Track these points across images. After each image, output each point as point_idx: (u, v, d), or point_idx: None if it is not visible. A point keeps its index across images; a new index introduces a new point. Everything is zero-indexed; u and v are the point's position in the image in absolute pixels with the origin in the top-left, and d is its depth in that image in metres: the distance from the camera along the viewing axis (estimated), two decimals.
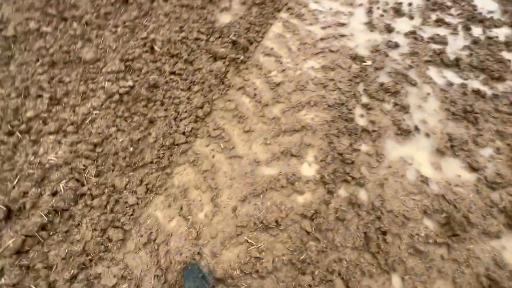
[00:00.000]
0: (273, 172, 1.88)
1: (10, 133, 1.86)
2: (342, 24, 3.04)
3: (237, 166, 1.89)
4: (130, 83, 2.17)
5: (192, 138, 1.99)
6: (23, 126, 1.87)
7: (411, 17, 3.21)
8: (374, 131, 2.12)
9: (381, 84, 2.45)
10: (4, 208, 1.53)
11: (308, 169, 1.92)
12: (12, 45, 2.35)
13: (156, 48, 2.43)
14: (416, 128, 2.18)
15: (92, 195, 1.64)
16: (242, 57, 2.49)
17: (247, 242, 1.59)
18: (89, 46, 2.47)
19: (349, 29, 3.01)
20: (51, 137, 1.86)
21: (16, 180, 1.63)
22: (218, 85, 2.30)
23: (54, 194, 1.61)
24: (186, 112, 2.09)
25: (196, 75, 2.34)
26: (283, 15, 3.09)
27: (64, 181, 1.64)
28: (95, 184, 1.67)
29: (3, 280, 1.34)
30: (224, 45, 2.58)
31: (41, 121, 1.92)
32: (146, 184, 1.72)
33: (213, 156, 1.93)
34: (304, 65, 2.59)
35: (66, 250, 1.43)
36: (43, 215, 1.49)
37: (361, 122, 2.20)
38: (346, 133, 2.10)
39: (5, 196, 1.58)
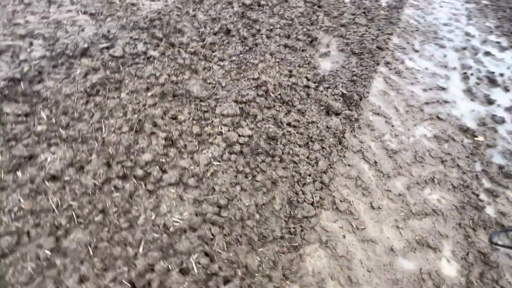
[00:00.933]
0: (413, 267, 1.54)
1: (125, 177, 1.53)
2: (442, 88, 2.75)
3: (372, 253, 1.56)
4: (248, 131, 1.85)
5: (319, 210, 1.66)
6: (139, 172, 1.54)
7: (507, 89, 2.93)
8: (510, 227, 1.79)
9: (500, 167, 2.14)
10: (129, 286, 1.19)
11: (449, 268, 1.59)
12: (121, 67, 2.04)
13: (270, 91, 2.13)
14: None
15: (224, 277, 1.30)
16: (355, 114, 2.19)
17: None
18: (195, 78, 2.17)
19: (450, 95, 2.72)
20: (172, 190, 1.52)
21: (141, 247, 1.29)
22: (336, 145, 1.99)
23: (182, 271, 1.27)
24: (310, 175, 1.77)
25: (311, 130, 2.03)
26: (383, 69, 2.81)
27: (195, 255, 1.31)
28: (226, 261, 1.34)
29: None
30: (334, 98, 2.29)
31: (158, 167, 1.59)
32: (282, 268, 1.39)
33: (344, 237, 1.59)
34: (416, 132, 2.28)
35: None
36: None
37: (491, 211, 1.88)
38: (481, 225, 1.78)
39: (128, 268, 1.24)
